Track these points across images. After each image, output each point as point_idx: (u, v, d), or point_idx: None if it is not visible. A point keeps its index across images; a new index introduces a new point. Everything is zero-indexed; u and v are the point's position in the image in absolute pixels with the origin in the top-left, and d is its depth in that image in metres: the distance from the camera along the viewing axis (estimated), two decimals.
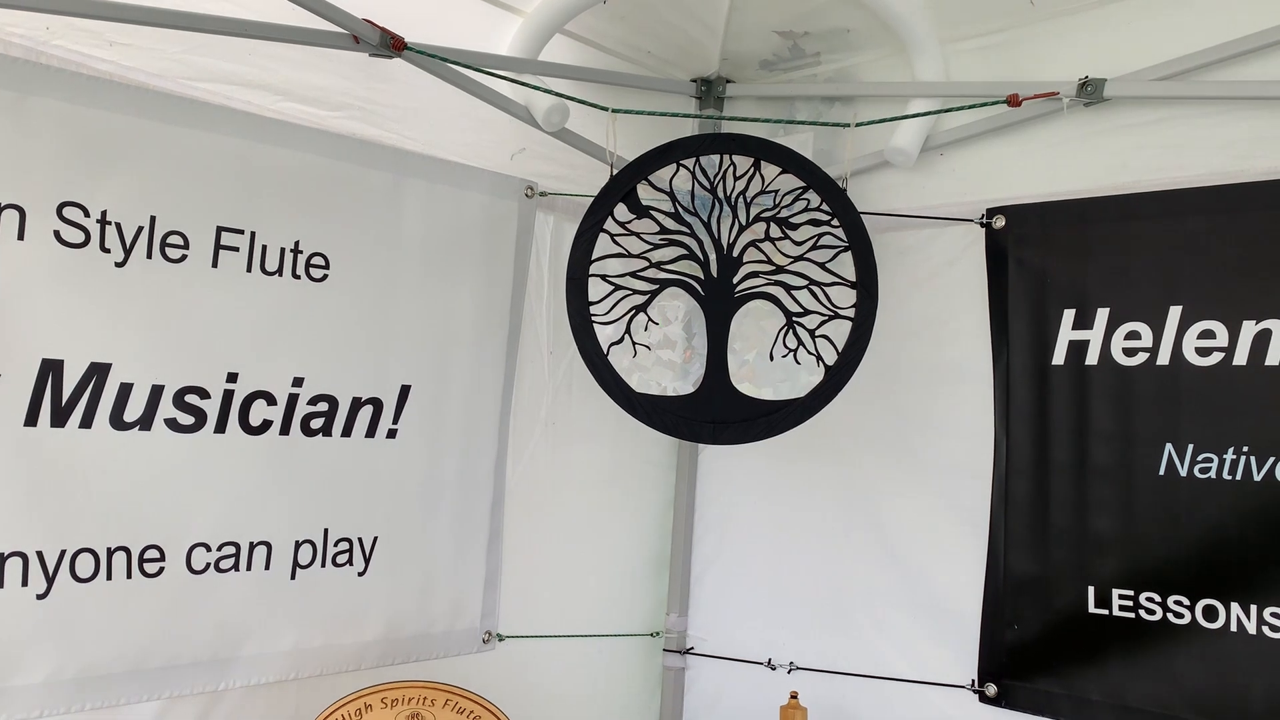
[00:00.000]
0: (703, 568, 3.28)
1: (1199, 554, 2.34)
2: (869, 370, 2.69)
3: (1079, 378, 2.53)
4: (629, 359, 2.66)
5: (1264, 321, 2.27)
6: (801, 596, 3.07)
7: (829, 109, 3.11)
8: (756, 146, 2.70)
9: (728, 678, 3.15)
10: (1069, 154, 2.67)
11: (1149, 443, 2.40)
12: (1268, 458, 2.25)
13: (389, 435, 2.57)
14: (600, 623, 3.15)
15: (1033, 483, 2.59)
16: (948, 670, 2.71)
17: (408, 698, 2.36)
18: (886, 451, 2.95)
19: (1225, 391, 2.31)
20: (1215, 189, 2.38)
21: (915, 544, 2.87)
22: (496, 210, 2.76)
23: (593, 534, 3.17)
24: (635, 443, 3.11)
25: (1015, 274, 2.66)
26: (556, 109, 2.74)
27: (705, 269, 2.70)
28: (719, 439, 2.73)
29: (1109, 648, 2.44)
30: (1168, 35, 2.51)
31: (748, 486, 3.22)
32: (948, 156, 2.89)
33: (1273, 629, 2.23)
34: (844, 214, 2.68)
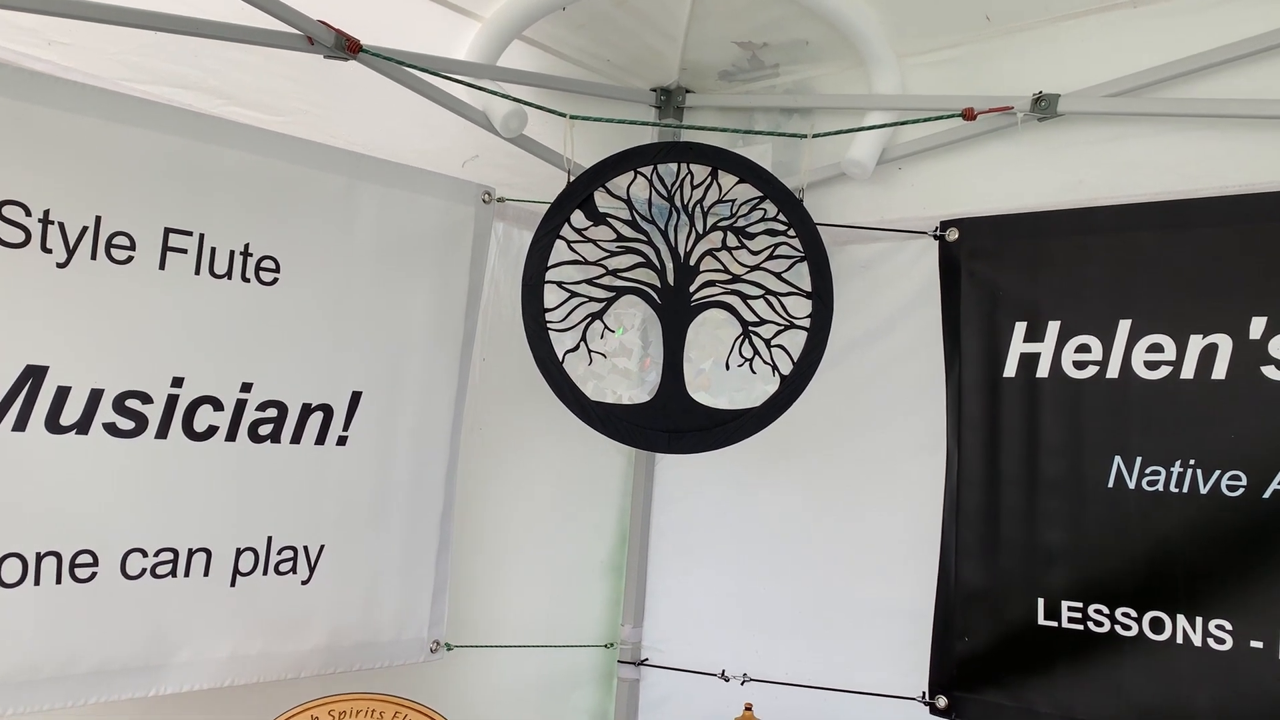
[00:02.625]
0: (658, 578, 3.27)
1: (1146, 566, 2.36)
2: (824, 381, 2.70)
3: (1030, 390, 2.54)
4: (584, 366, 2.65)
5: (1210, 336, 2.30)
6: (757, 608, 3.06)
7: (788, 120, 3.12)
8: (714, 155, 2.70)
9: (682, 689, 3.13)
10: (1023, 168, 2.70)
11: (1098, 455, 2.42)
12: (1213, 471, 2.27)
13: (339, 442, 2.53)
14: (554, 633, 3.12)
15: (984, 494, 2.60)
16: (900, 682, 2.71)
17: (356, 709, 2.32)
18: (841, 462, 2.95)
19: (1173, 405, 2.33)
20: (1165, 204, 2.41)
21: (869, 555, 2.87)
22: (453, 216, 2.73)
23: (546, 544, 3.14)
24: (590, 451, 3.10)
25: (968, 287, 2.67)
26: (515, 115, 2.73)
27: (662, 277, 2.70)
28: (674, 448, 2.73)
29: (1057, 660, 2.45)
30: (1121, 53, 2.55)
31: (703, 495, 3.21)
32: (904, 170, 2.91)
33: (1217, 641, 2.25)
34: (800, 225, 2.69)
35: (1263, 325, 2.23)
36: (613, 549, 3.30)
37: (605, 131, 2.85)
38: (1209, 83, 2.43)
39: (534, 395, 2.68)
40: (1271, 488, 2.20)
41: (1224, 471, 2.26)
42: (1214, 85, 2.42)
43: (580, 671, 3.24)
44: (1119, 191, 2.50)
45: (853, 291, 2.84)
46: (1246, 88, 2.37)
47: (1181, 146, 2.45)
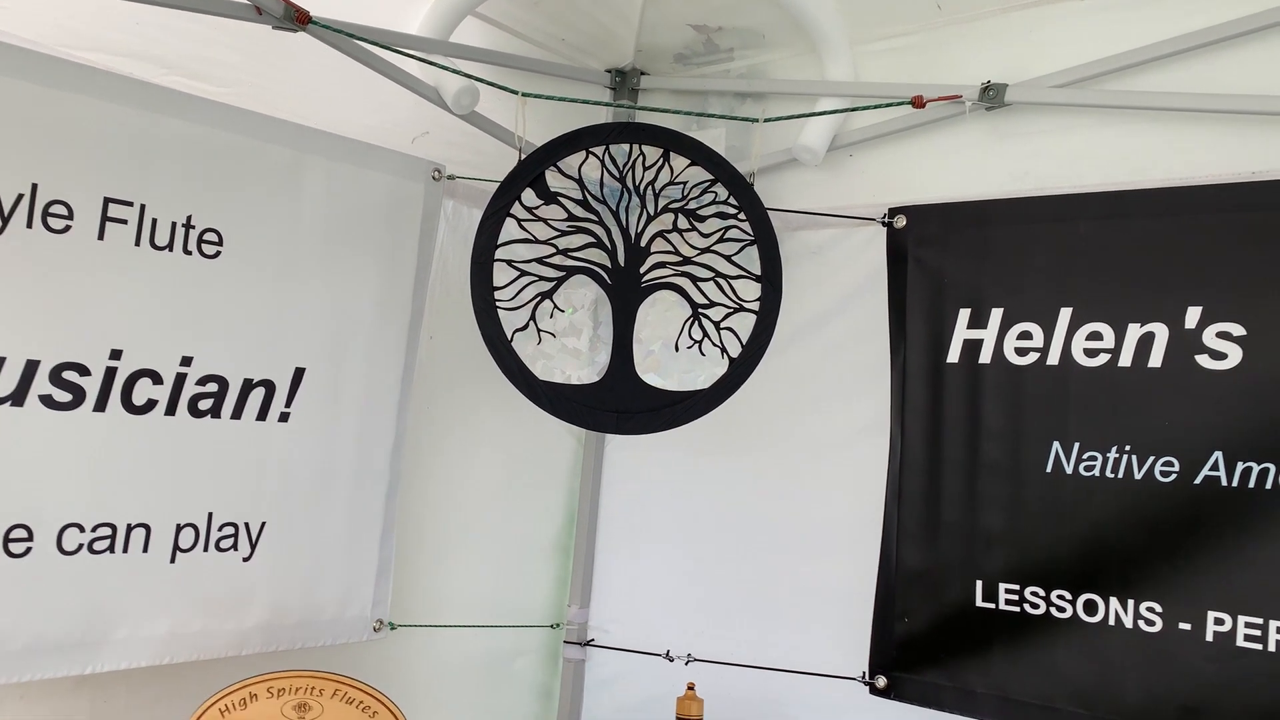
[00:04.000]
0: (606, 559, 3.27)
1: (1082, 550, 2.41)
2: (772, 363, 2.72)
3: (972, 376, 2.58)
4: (533, 346, 2.64)
5: (1148, 325, 2.34)
6: (702, 589, 3.08)
7: (741, 104, 3.13)
8: (666, 137, 2.70)
9: (627, 669, 3.14)
10: (971, 157, 2.73)
11: (1037, 441, 2.46)
12: (1148, 457, 2.32)
13: (281, 418, 2.50)
14: (500, 614, 3.12)
15: (926, 478, 2.63)
16: (841, 662, 2.74)
17: (295, 687, 2.30)
18: (787, 445, 2.98)
19: (1110, 392, 2.38)
20: (1108, 195, 2.45)
21: (813, 537, 2.90)
22: (402, 192, 2.70)
23: (492, 523, 3.13)
24: (538, 431, 3.08)
25: (914, 273, 2.70)
26: (467, 91, 2.70)
27: (613, 258, 2.70)
28: (623, 429, 2.73)
29: (994, 641, 2.50)
30: (1068, 44, 2.58)
31: (652, 477, 3.22)
32: (855, 156, 2.93)
33: (1148, 623, 2.30)
34: (750, 208, 2.70)
35: (1198, 315, 2.28)
36: (560, 529, 3.30)
37: (558, 111, 2.83)
38: (1153, 75, 2.47)
39: (483, 374, 2.66)
40: (1203, 474, 2.25)
41: (1158, 457, 2.31)
42: (1158, 78, 2.46)
43: (526, 652, 3.24)
44: (1064, 181, 2.54)
45: (802, 276, 2.86)
46: (1189, 81, 2.41)
47: (1125, 138, 2.49)
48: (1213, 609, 2.23)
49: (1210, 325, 2.27)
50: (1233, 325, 2.24)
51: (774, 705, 2.87)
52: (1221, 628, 2.22)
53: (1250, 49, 2.35)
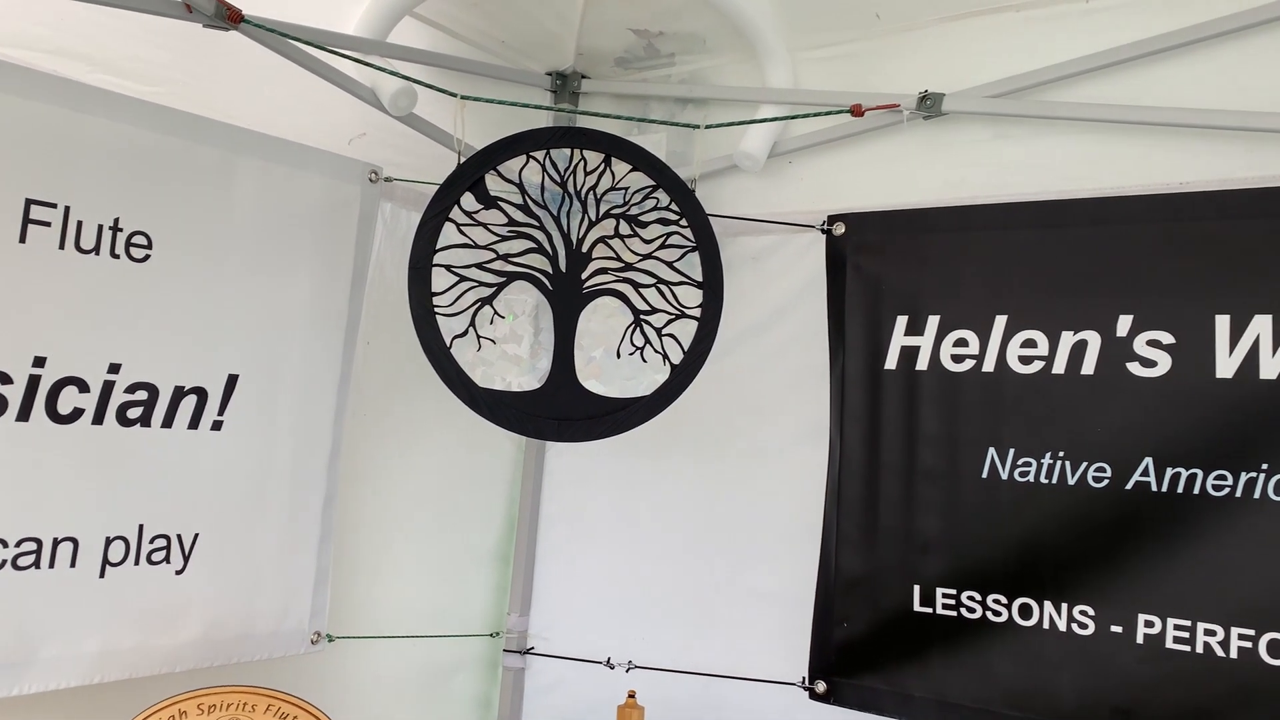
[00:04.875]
0: (546, 566, 3.25)
1: (1017, 554, 2.44)
2: (714, 370, 2.72)
3: (910, 382, 2.61)
4: (473, 352, 2.61)
5: (1081, 332, 2.39)
6: (643, 595, 3.07)
7: (682, 110, 3.13)
8: (607, 142, 2.69)
9: (567, 677, 3.12)
10: (909, 165, 2.76)
11: (973, 447, 2.50)
12: (1081, 462, 2.36)
13: (214, 427, 2.44)
14: (439, 623, 3.08)
15: (864, 484, 2.66)
16: (781, 668, 2.75)
17: (226, 703, 2.24)
18: (729, 451, 2.98)
19: (1045, 398, 2.42)
20: (1041, 204, 2.49)
21: (754, 543, 2.91)
22: (338, 194, 2.66)
23: (432, 532, 3.09)
24: (479, 439, 3.05)
25: (853, 280, 2.72)
26: (404, 93, 2.66)
27: (554, 263, 2.68)
28: (564, 436, 2.71)
29: (931, 645, 2.52)
30: (1005, 55, 2.63)
31: (594, 484, 3.20)
32: (795, 163, 2.95)
33: (1081, 625, 2.35)
34: (692, 215, 2.70)
35: (1129, 323, 2.33)
36: (500, 537, 3.27)
37: (498, 114, 2.81)
38: (1086, 87, 2.52)
39: (422, 381, 2.63)
40: (1134, 479, 2.30)
41: (1091, 463, 2.35)
42: (1090, 90, 2.51)
43: (466, 661, 3.20)
44: (999, 190, 2.58)
45: (742, 282, 2.87)
46: (1120, 93, 2.46)
47: (1058, 148, 2.54)
48: (1143, 611, 2.28)
49: (1141, 333, 2.32)
50: (1162, 334, 2.29)
51: (715, 711, 2.87)
52: (1152, 630, 2.27)
53: (1178, 63, 2.41)
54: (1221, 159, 2.32)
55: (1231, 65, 2.36)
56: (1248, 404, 2.20)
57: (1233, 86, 2.34)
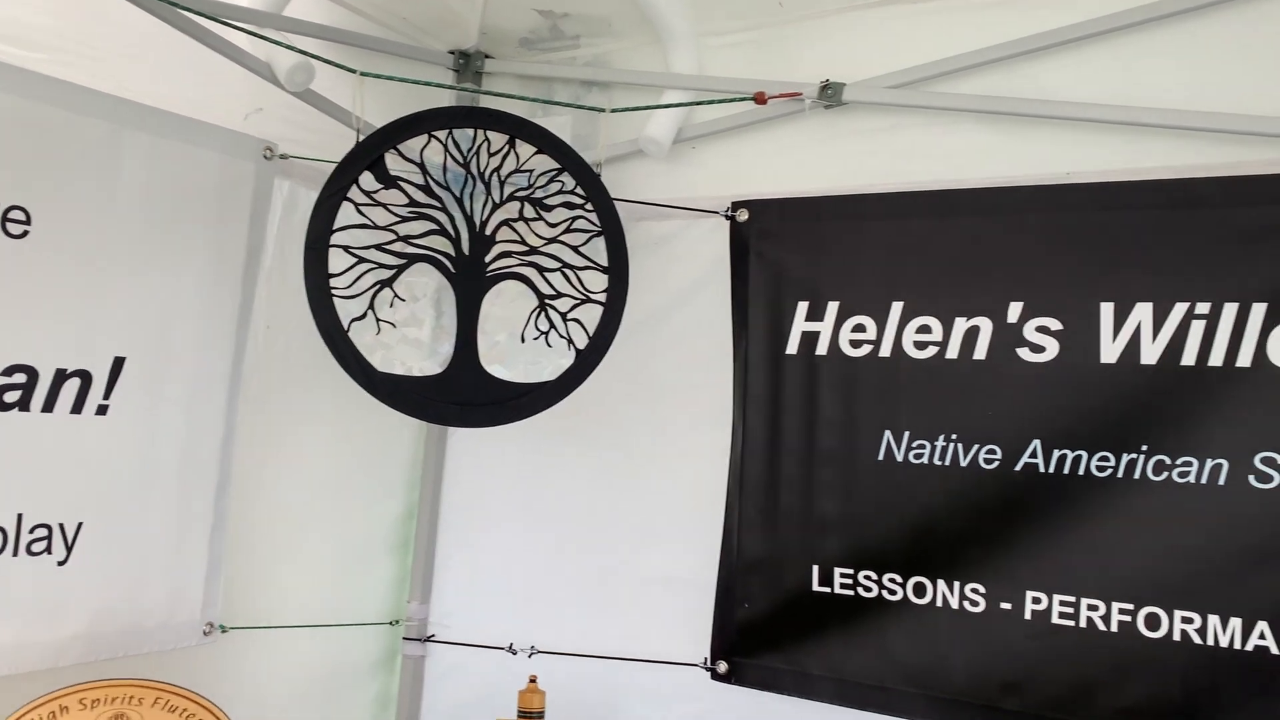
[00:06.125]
0: (448, 553, 3.21)
1: (912, 534, 2.51)
2: (619, 355, 2.72)
3: (810, 367, 2.65)
4: (372, 336, 2.56)
5: (974, 319, 2.46)
6: (547, 580, 3.06)
7: (587, 93, 3.11)
8: (512, 124, 2.66)
9: (469, 664, 3.09)
10: (811, 153, 2.79)
11: (870, 430, 2.55)
12: (973, 445, 2.43)
13: (99, 411, 2.35)
14: (337, 612, 3.02)
15: (765, 467, 2.69)
16: (684, 650, 2.77)
17: (111, 697, 2.16)
18: (634, 435, 2.98)
19: (938, 383, 2.48)
20: (935, 193, 2.55)
21: (658, 527, 2.92)
22: (231, 171, 2.58)
23: (331, 519, 3.03)
24: (378, 424, 2.98)
25: (755, 266, 2.75)
26: (301, 68, 2.59)
27: (456, 246, 2.64)
28: (466, 421, 2.69)
29: (830, 624, 2.58)
30: (904, 46, 2.66)
31: (497, 469, 3.17)
32: (699, 149, 2.96)
33: (972, 603, 2.42)
34: (598, 199, 2.70)
35: (1019, 309, 2.41)
36: (401, 524, 3.22)
37: (401, 93, 2.75)
38: (980, 79, 2.57)
39: (321, 365, 2.56)
40: (1023, 461, 2.37)
41: (982, 445, 2.42)
42: (984, 81, 2.57)
43: (365, 650, 3.15)
44: (896, 179, 2.63)
45: (647, 267, 2.87)
46: (1012, 85, 2.52)
47: (952, 138, 2.60)
48: (1031, 589, 2.36)
49: (1030, 320, 2.39)
50: (1050, 320, 2.37)
51: (618, 694, 2.88)
52: (1039, 606, 2.35)
53: (1068, 58, 2.48)
54: (1106, 151, 2.40)
55: (1118, 61, 2.43)
56: (1129, 388, 2.29)
57: (1118, 81, 2.41)
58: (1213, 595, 2.18)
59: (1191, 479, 2.21)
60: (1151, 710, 2.23)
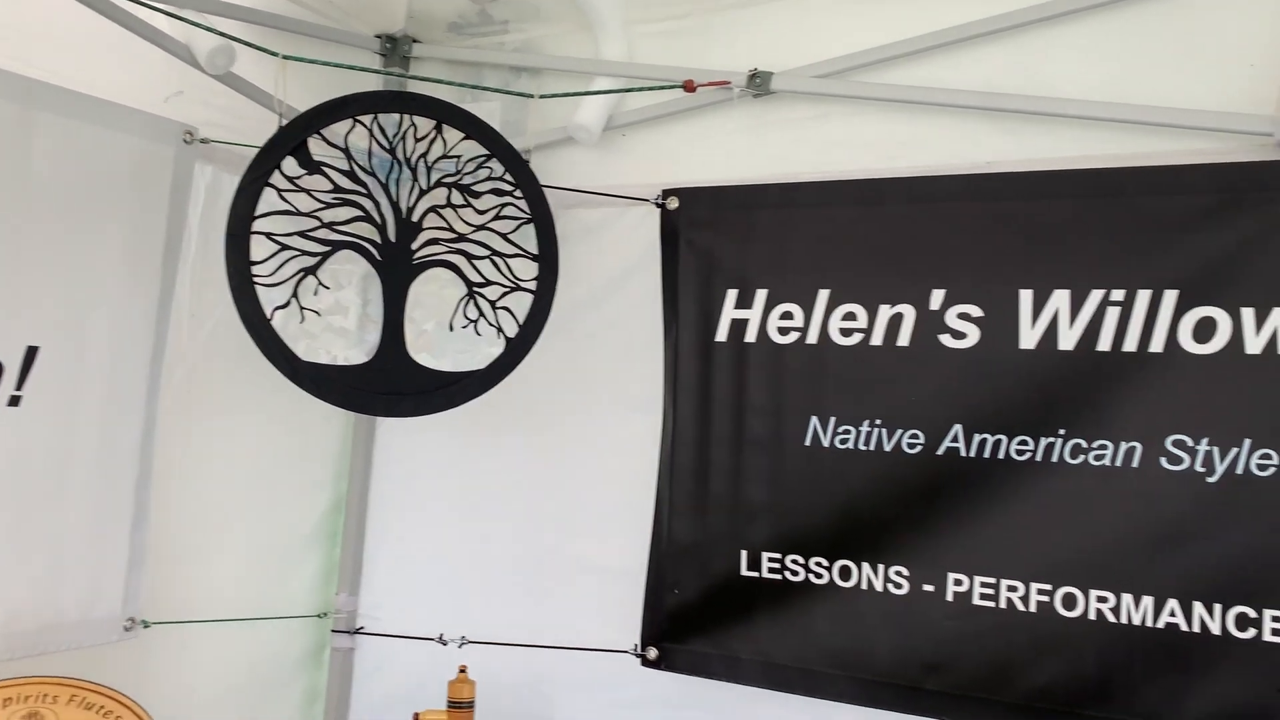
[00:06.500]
0: (377, 544, 3.18)
1: (838, 519, 2.54)
2: (548, 343, 2.71)
3: (739, 354, 2.67)
4: (295, 325, 2.52)
5: (897, 306, 2.49)
6: (477, 570, 3.05)
7: (516, 79, 3.08)
8: (439, 109, 2.63)
9: (399, 656, 3.06)
10: (740, 142, 2.80)
11: (797, 416, 2.58)
12: (897, 430, 2.47)
13: (11, 402, 2.28)
14: (263, 605, 2.97)
15: (695, 453, 2.71)
16: (614, 637, 2.78)
17: (24, 695, 2.11)
18: (565, 423, 2.98)
19: (864, 369, 2.52)
20: (861, 182, 2.58)
21: (588, 515, 2.92)
22: (149, 156, 2.52)
23: (257, 512, 2.98)
24: (303, 414, 2.93)
25: (686, 254, 2.76)
26: (221, 51, 2.54)
27: (382, 233, 2.61)
28: (394, 411, 2.66)
29: (758, 609, 2.60)
30: (832, 35, 2.69)
31: (424, 459, 3.14)
32: (629, 136, 2.95)
33: (896, 586, 2.46)
34: (527, 186, 2.68)
35: (941, 297, 2.45)
36: (329, 515, 3.17)
37: (326, 77, 2.70)
38: (905, 69, 2.61)
39: (247, 355, 2.51)
40: (945, 445, 2.42)
41: (905, 430, 2.46)
42: (909, 72, 2.60)
43: (293, 643, 3.10)
44: (822, 168, 2.65)
45: (577, 255, 2.86)
46: (936, 76, 2.56)
47: (878, 127, 2.63)
48: (952, 571, 2.40)
49: (952, 307, 2.43)
50: (971, 307, 2.41)
51: (548, 683, 2.89)
52: (960, 588, 2.39)
53: (990, 48, 2.52)
54: (1026, 141, 2.45)
55: (1039, 52, 2.48)
56: (1048, 374, 2.34)
57: (1039, 72, 2.46)
58: (1126, 575, 2.24)
59: (1107, 462, 2.27)
60: (1068, 687, 2.28)
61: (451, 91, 3.00)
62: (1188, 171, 2.26)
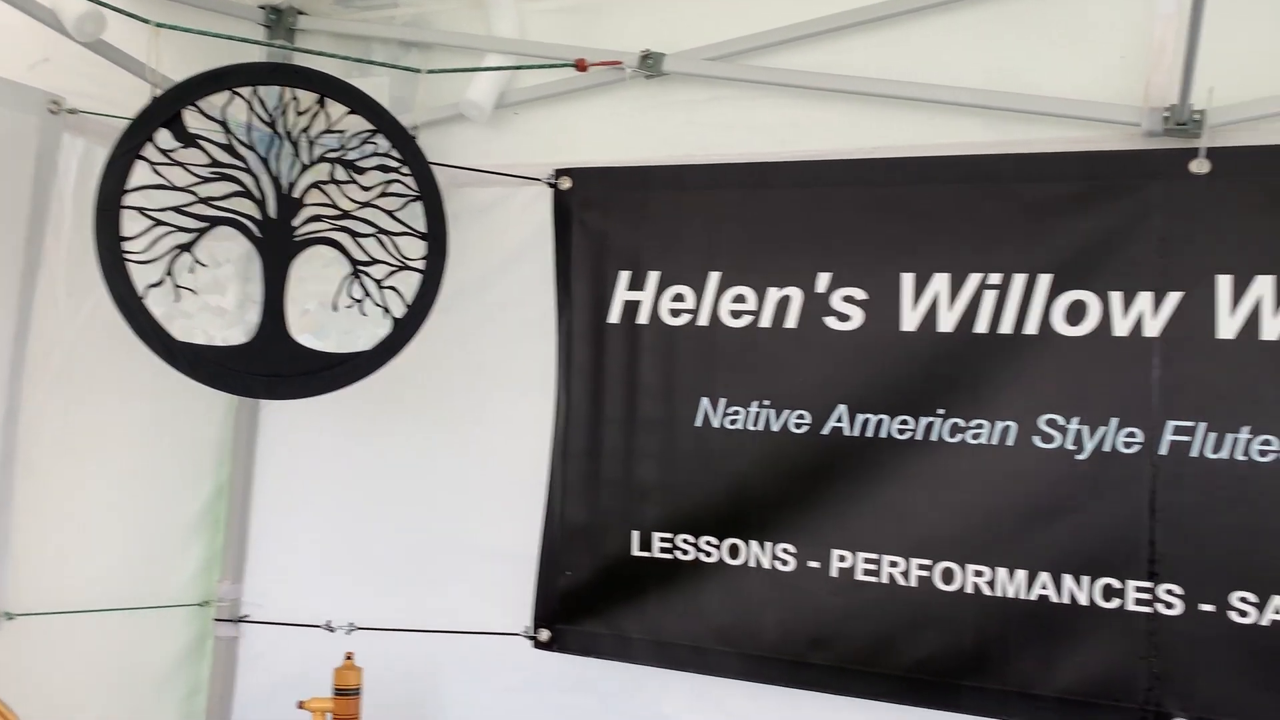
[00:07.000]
0: (262, 531, 3.10)
1: (726, 498, 2.57)
2: (438, 324, 2.68)
3: (631, 336, 2.67)
4: (171, 304, 2.43)
5: (785, 288, 2.53)
6: (367, 556, 2.99)
7: (405, 54, 3.01)
8: (321, 82, 2.56)
9: (286, 644, 2.99)
10: (632, 122, 2.80)
11: (688, 397, 2.60)
12: (784, 410, 2.51)
13: None
14: (141, 594, 2.87)
15: (588, 435, 2.71)
16: (506, 620, 2.77)
17: None
18: (456, 405, 2.94)
19: (752, 351, 2.55)
20: (750, 166, 2.60)
21: (481, 498, 2.89)
22: (11, 126, 2.40)
23: (133, 498, 2.87)
24: (181, 397, 2.82)
25: (579, 235, 2.75)
26: (90, 17, 2.42)
27: (262, 209, 2.53)
28: (275, 393, 2.59)
29: (648, 588, 2.62)
30: (725, 17, 2.70)
31: (314, 443, 3.07)
32: (521, 115, 2.92)
33: (782, 563, 2.50)
34: (414, 162, 2.63)
35: (827, 280, 2.49)
36: (211, 501, 3.08)
37: (206, 48, 2.60)
38: (795, 54, 2.63)
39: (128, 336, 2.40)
40: (830, 425, 2.47)
41: (793, 411, 2.50)
42: (799, 56, 2.63)
43: (175, 635, 3.01)
44: (713, 151, 2.67)
45: (468, 234, 2.82)
46: (826, 61, 2.59)
47: (768, 111, 2.65)
48: (837, 547, 2.45)
49: (838, 290, 2.48)
50: (856, 290, 2.46)
51: (439, 668, 2.86)
52: (844, 564, 2.45)
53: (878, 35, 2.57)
54: (910, 127, 2.50)
55: (923, 40, 2.53)
56: (928, 355, 2.40)
57: (923, 60, 2.51)
58: (1001, 549, 2.33)
59: (984, 440, 2.34)
60: (946, 659, 2.36)
61: (338, 65, 2.91)
62: (1060, 159, 2.34)
